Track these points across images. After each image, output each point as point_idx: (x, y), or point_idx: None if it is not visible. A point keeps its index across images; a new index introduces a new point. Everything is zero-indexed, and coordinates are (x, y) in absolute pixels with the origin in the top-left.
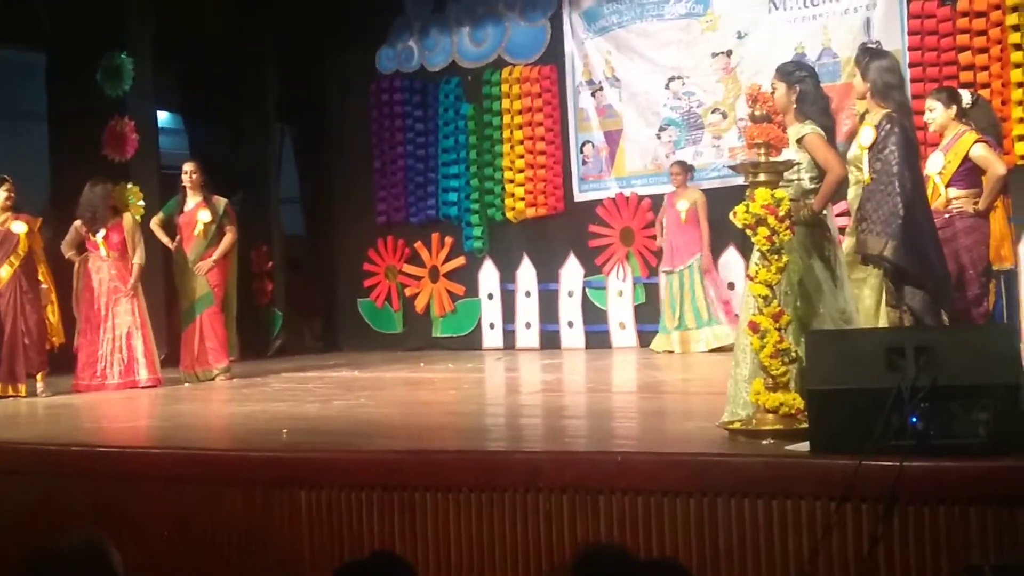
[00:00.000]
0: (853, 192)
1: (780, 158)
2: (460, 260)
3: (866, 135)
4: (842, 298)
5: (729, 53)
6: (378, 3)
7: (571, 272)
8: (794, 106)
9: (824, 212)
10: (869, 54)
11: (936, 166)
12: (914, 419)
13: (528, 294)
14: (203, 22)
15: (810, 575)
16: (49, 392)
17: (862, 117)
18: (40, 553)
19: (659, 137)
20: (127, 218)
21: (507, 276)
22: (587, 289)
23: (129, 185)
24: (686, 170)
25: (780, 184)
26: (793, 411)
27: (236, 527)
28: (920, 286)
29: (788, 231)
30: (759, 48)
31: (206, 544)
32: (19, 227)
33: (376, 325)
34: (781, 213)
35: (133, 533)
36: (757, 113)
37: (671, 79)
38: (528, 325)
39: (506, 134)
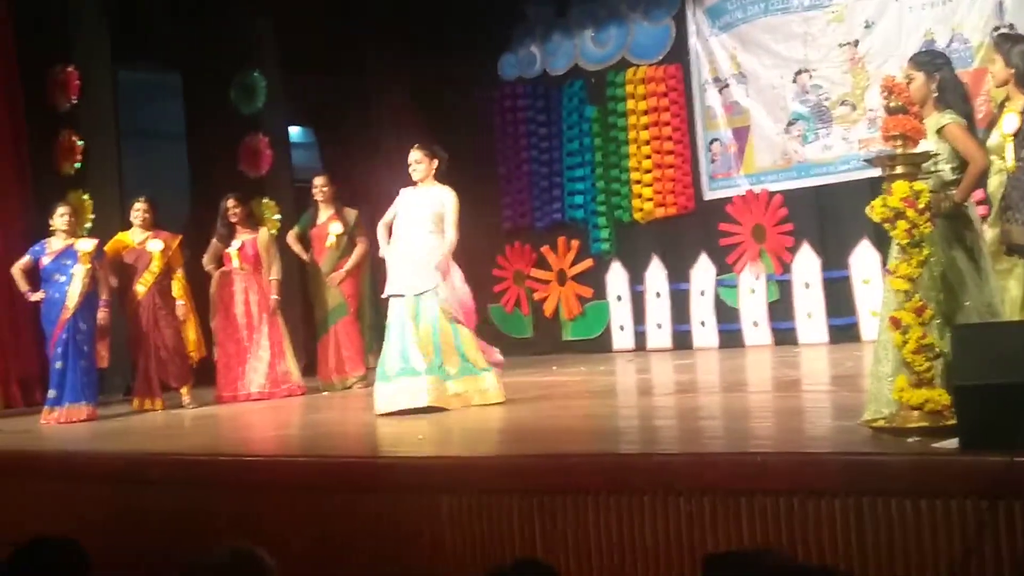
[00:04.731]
0: (996, 181)
1: (917, 149)
2: (587, 262)
3: (1010, 122)
4: (987, 291)
5: (856, 43)
6: (499, 11)
7: (702, 271)
8: (934, 95)
9: (966, 203)
10: (1011, 40)
11: None
12: None
13: (658, 295)
14: (329, 38)
15: None
16: (195, 404)
17: (1001, 104)
18: (196, 568)
19: (788, 132)
20: (262, 233)
21: (636, 277)
22: (719, 288)
23: (265, 200)
24: (431, 157)
25: (919, 176)
26: (939, 408)
27: (376, 534)
28: None
29: (928, 224)
30: (887, 37)
31: (346, 552)
32: (155, 245)
33: (506, 330)
34: (921, 205)
35: (273, 543)
36: (892, 105)
37: (798, 72)
38: (659, 326)
39: (632, 135)
